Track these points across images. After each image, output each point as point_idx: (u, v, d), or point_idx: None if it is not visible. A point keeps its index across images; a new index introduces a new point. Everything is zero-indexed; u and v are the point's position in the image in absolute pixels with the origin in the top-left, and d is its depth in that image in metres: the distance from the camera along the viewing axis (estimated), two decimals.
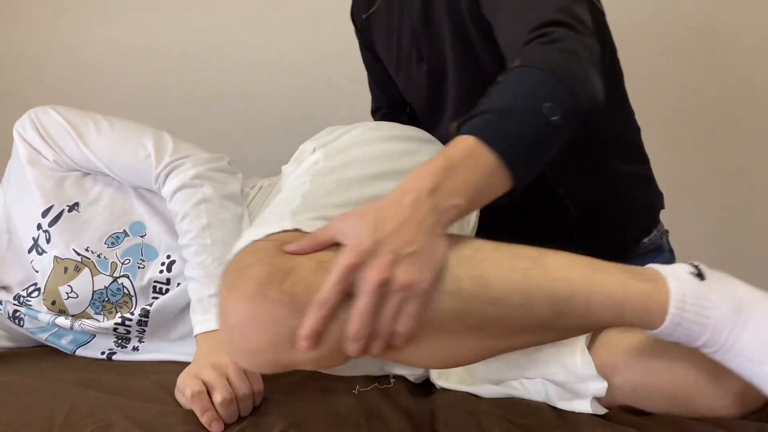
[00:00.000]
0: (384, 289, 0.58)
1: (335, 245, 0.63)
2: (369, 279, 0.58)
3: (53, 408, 0.79)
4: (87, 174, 1.00)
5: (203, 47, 1.67)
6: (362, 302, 0.58)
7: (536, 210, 0.92)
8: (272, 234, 0.67)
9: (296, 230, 0.68)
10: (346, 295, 0.59)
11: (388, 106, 1.35)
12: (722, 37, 1.62)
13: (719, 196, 1.65)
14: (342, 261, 0.58)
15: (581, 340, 0.83)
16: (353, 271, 0.58)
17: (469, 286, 0.62)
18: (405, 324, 0.59)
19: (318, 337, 0.59)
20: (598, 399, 0.82)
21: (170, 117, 1.68)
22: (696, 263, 0.67)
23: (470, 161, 0.64)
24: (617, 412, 0.83)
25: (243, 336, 0.60)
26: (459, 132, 0.67)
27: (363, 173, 0.82)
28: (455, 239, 0.65)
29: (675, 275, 0.66)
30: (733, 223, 1.61)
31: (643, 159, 1.09)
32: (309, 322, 0.59)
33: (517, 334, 0.66)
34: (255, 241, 0.66)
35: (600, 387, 0.81)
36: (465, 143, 0.65)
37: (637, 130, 1.07)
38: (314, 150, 0.94)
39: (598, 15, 0.96)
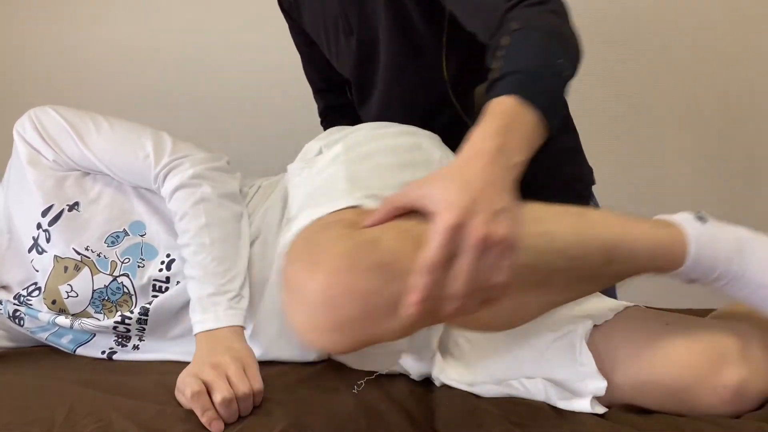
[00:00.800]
0: (485, 244, 0.59)
1: (408, 213, 0.65)
2: (473, 236, 0.59)
3: (53, 408, 0.80)
4: (87, 174, 1.00)
5: (203, 47, 1.67)
6: (467, 259, 0.59)
7: None
8: (335, 211, 0.70)
9: (355, 207, 0.71)
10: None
11: (329, 89, 1.33)
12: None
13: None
14: (444, 223, 0.59)
15: (581, 338, 0.84)
16: (457, 231, 0.59)
17: (540, 242, 0.68)
18: (503, 277, 0.61)
19: (427, 300, 0.60)
20: (598, 398, 0.82)
21: (169, 117, 1.68)
22: (698, 211, 0.78)
23: (519, 119, 0.67)
24: (617, 411, 0.83)
25: (331, 311, 0.61)
26: (490, 95, 0.70)
27: (394, 161, 0.86)
28: None
29: (686, 221, 0.76)
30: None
31: (572, 131, 1.14)
32: (419, 287, 0.59)
33: (574, 285, 0.74)
34: (318, 219, 0.69)
35: (599, 386, 0.81)
36: (507, 104, 0.68)
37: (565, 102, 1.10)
38: (321, 150, 0.95)
39: None
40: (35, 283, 0.99)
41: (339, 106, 1.34)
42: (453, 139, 0.99)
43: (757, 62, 1.61)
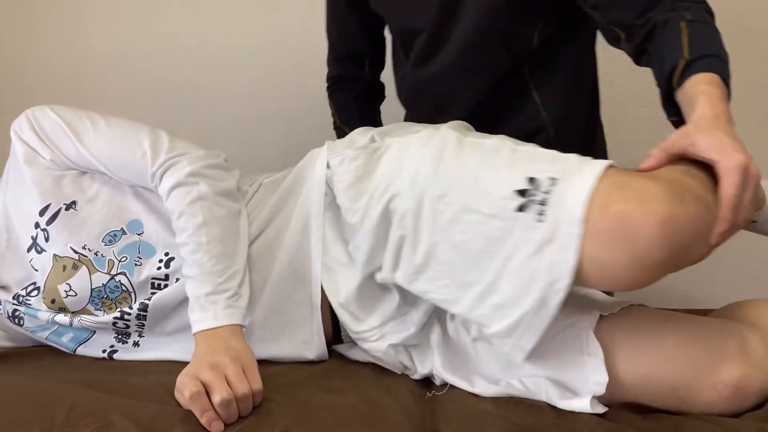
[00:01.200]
0: (757, 181, 0.76)
1: (678, 160, 0.79)
2: (754, 173, 0.74)
3: (53, 408, 0.79)
4: (84, 173, 1.00)
5: (202, 46, 1.66)
6: (749, 193, 0.75)
7: (522, 127, 1.09)
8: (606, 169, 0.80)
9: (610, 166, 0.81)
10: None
11: (349, 58, 1.35)
12: None
13: None
14: (738, 163, 0.73)
15: (588, 329, 0.85)
16: (745, 171, 0.74)
17: None
18: (751, 210, 0.78)
19: (730, 229, 0.75)
20: (598, 397, 0.83)
21: (169, 116, 1.68)
22: None
23: (724, 92, 0.83)
24: (617, 410, 0.83)
25: (674, 237, 0.72)
26: (691, 70, 0.84)
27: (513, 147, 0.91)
28: None
29: None
30: None
31: (598, 108, 1.26)
32: (727, 217, 0.74)
33: None
34: (605, 171, 0.78)
35: (600, 381, 0.82)
36: (716, 79, 0.83)
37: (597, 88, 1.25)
38: (374, 138, 0.99)
39: None
40: (34, 283, 0.99)
41: (351, 77, 1.37)
42: (508, 108, 1.10)
43: None
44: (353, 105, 1.38)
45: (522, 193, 0.80)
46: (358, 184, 0.94)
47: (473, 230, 0.82)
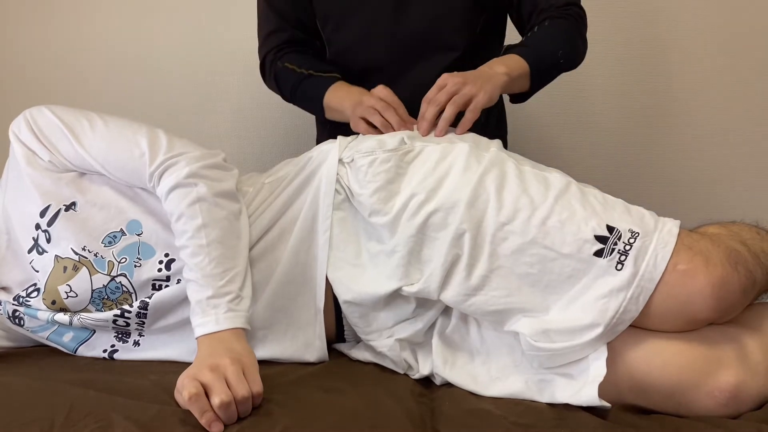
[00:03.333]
0: None
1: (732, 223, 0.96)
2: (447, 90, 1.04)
3: (53, 408, 0.79)
4: (83, 174, 1.00)
5: (202, 46, 1.66)
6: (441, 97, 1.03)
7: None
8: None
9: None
10: None
11: (291, 43, 1.30)
12: None
13: None
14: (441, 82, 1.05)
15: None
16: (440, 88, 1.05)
17: None
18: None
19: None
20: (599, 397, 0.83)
21: (169, 116, 1.67)
22: None
23: (521, 64, 1.10)
24: (617, 411, 0.84)
25: (715, 300, 0.84)
26: (513, 50, 1.13)
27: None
28: None
29: None
30: None
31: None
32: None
33: None
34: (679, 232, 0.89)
35: (600, 365, 0.84)
36: (512, 57, 1.11)
37: None
38: (404, 140, 1.00)
39: None
40: (34, 284, 0.99)
41: (302, 41, 1.31)
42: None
43: None
44: (316, 58, 1.31)
45: (602, 239, 0.87)
46: (389, 185, 0.95)
47: (543, 264, 0.88)
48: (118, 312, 0.96)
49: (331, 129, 1.26)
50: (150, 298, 0.95)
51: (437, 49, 1.23)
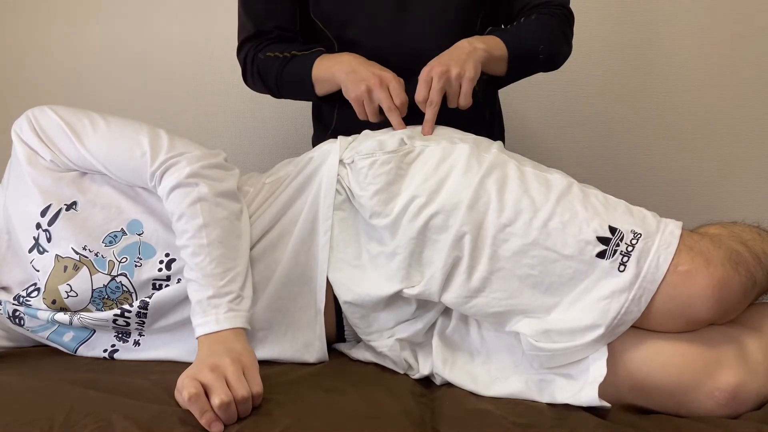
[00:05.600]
0: None
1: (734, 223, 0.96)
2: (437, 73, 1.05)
3: (53, 408, 0.79)
4: (85, 173, 1.00)
5: (202, 46, 1.66)
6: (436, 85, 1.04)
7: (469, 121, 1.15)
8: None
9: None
10: None
11: (270, 38, 1.23)
12: None
13: None
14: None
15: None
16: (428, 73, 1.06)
17: None
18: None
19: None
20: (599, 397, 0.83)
21: (169, 116, 1.67)
22: None
23: (500, 46, 1.10)
24: (617, 411, 0.84)
25: (715, 301, 0.84)
26: (489, 33, 1.13)
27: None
28: None
29: None
30: None
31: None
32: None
33: None
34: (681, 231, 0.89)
35: (601, 365, 0.84)
36: (491, 38, 1.11)
37: None
38: (403, 141, 0.99)
39: None
40: (34, 284, 0.99)
41: (283, 37, 1.24)
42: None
43: None
44: (299, 43, 1.24)
45: (604, 240, 0.86)
46: (389, 187, 0.95)
47: (544, 266, 0.88)
48: (119, 311, 0.96)
49: (333, 131, 1.23)
50: (150, 297, 0.96)
51: (439, 49, 1.19)
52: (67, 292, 0.96)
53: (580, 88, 1.64)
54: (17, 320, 1.00)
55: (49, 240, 0.97)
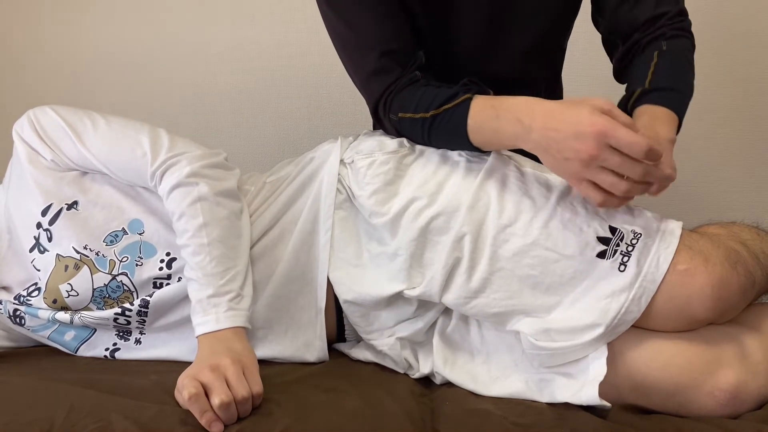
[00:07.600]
0: None
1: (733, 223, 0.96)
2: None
3: (53, 408, 0.79)
4: (86, 173, 1.00)
5: (202, 46, 1.66)
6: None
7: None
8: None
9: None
10: None
11: (399, 52, 0.99)
12: None
13: None
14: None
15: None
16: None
17: None
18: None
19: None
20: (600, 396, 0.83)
21: (169, 116, 1.68)
22: None
23: (674, 119, 0.92)
24: (617, 411, 0.84)
25: (714, 300, 0.84)
26: (652, 98, 0.93)
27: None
28: None
29: None
30: None
31: None
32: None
33: None
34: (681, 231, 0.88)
35: (601, 363, 0.84)
36: (670, 114, 0.92)
37: None
38: (403, 143, 0.98)
39: None
40: (35, 284, 0.99)
41: (404, 65, 0.99)
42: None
43: None
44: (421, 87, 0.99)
45: (604, 240, 0.87)
46: (387, 187, 0.95)
47: (544, 266, 0.87)
48: (119, 310, 0.96)
49: None
50: (151, 296, 0.96)
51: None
52: (67, 291, 0.96)
53: (579, 88, 1.64)
54: (18, 320, 1.01)
55: (49, 239, 0.97)
